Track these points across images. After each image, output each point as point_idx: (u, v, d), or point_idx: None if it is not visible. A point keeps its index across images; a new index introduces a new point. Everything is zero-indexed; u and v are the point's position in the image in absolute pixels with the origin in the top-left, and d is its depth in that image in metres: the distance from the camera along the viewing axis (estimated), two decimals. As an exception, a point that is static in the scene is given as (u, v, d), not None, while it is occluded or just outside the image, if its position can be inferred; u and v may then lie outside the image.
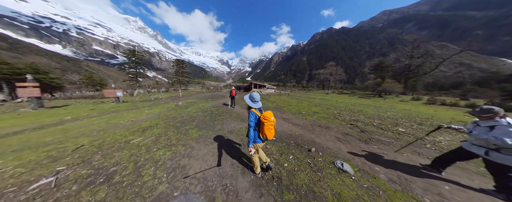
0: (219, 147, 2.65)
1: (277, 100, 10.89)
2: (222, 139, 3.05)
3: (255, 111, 1.60)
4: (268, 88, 24.17)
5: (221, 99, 10.88)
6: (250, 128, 1.56)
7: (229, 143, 2.84)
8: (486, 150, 1.52)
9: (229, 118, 4.81)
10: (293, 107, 7.61)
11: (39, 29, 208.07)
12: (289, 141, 2.97)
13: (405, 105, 10.81)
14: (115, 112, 6.34)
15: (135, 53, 25.38)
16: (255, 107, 1.64)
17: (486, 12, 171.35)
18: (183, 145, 2.72)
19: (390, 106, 9.44)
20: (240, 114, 5.65)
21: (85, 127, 3.86)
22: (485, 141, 1.52)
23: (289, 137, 3.20)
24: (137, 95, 15.91)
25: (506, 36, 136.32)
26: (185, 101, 9.81)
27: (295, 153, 2.43)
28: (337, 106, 8.40)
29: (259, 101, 1.68)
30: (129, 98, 12.89)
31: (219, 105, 7.72)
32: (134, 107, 7.80)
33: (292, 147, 2.67)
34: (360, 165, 2.16)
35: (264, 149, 2.47)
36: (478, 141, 1.60)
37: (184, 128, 3.68)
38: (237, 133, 3.41)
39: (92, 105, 8.71)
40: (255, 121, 1.58)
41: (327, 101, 11.32)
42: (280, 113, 6.06)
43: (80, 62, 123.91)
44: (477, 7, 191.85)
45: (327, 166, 2.10)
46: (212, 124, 4.06)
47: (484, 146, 1.55)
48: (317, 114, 5.99)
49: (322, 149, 2.63)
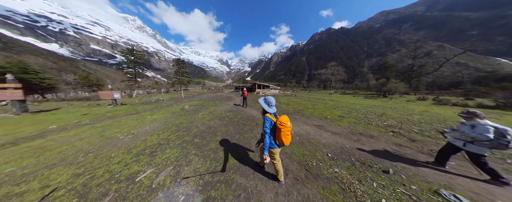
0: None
1: (289, 102, 10.13)
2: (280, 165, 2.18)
3: (271, 116, 1.55)
4: (272, 89, 23.46)
5: (229, 101, 10.07)
6: (266, 134, 1.50)
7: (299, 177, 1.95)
8: (464, 142, 1.96)
9: (258, 128, 4.02)
10: (313, 110, 6.97)
11: (34, 28, 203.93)
12: (348, 157, 2.49)
13: (416, 105, 10.36)
14: (111, 117, 5.47)
15: (134, 52, 24.36)
16: (270, 112, 1.58)
17: (480, 13, 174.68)
18: (225, 183, 1.71)
19: (402, 106, 9.08)
20: (262, 118, 4.87)
21: (70, 143, 2.95)
22: (464, 136, 1.96)
23: (342, 151, 2.71)
24: (136, 97, 14.83)
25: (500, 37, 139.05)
26: (190, 103, 8.95)
27: (373, 177, 1.95)
28: (354, 108, 7.89)
29: (274, 105, 1.61)
30: (127, 100, 11.88)
31: (232, 108, 6.92)
32: (133, 110, 6.92)
33: (358, 166, 2.21)
34: (474, 197, 1.66)
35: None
36: (459, 136, 2.02)
37: (208, 146, 2.71)
38: (293, 153, 2.56)
39: (86, 109, 7.79)
40: (271, 127, 1.52)
41: (338, 102, 10.87)
42: (306, 118, 5.36)
43: (77, 62, 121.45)
44: (471, 8, 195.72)
45: (434, 199, 1.61)
46: (243, 139, 3.18)
47: (463, 139, 1.98)
48: (344, 118, 5.43)
49: (397, 170, 2.15)
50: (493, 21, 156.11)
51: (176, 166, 2.09)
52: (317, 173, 1.97)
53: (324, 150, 2.70)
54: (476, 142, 1.88)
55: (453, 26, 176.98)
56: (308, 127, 4.27)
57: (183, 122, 4.41)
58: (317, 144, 2.98)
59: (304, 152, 2.58)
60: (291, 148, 2.77)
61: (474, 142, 1.90)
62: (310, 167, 2.14)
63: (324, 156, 2.45)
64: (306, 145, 2.88)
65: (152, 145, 2.79)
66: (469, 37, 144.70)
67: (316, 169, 2.06)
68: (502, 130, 1.79)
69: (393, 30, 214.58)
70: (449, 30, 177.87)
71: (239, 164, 2.14)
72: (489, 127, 1.80)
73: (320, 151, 2.64)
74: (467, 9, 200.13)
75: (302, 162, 2.27)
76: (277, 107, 7.70)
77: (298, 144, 2.94)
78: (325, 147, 2.82)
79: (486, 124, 1.84)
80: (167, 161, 2.20)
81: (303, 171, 2.03)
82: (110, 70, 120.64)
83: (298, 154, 2.55)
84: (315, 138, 3.29)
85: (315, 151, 2.64)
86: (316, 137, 3.39)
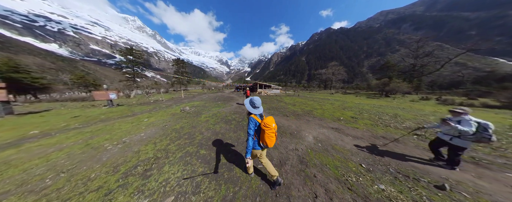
0: None
1: (294, 102, 9.62)
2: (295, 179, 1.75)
3: (255, 117, 1.48)
4: (274, 89, 22.96)
5: (231, 101, 9.57)
6: (249, 136, 1.45)
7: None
8: (451, 137, 2.17)
9: None
10: (321, 111, 6.53)
11: (33, 28, 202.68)
12: (385, 168, 2.16)
13: (422, 105, 10.04)
14: (104, 120, 4.94)
15: (133, 52, 23.79)
16: (255, 113, 1.51)
17: (478, 13, 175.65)
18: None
19: (409, 106, 8.79)
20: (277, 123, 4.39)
21: (45, 156, 2.39)
22: (452, 131, 2.14)
23: (375, 160, 2.36)
24: (134, 97, 14.25)
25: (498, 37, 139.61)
26: (190, 103, 8.41)
27: (429, 196, 1.61)
28: (362, 108, 7.50)
29: (260, 106, 1.54)
30: (125, 101, 11.34)
31: (237, 110, 6.41)
32: (129, 112, 6.39)
33: (402, 180, 1.88)
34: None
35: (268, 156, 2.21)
36: (447, 132, 2.22)
37: (219, 161, 2.19)
38: (323, 164, 2.14)
39: (79, 110, 7.25)
40: (255, 128, 1.46)
41: (343, 102, 10.51)
42: (319, 120, 4.89)
43: (76, 62, 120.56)
44: (470, 8, 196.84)
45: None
46: None
47: (450, 134, 2.18)
48: (357, 119, 5.04)
49: (453, 184, 1.83)
50: (491, 21, 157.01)
51: (180, 194, 1.51)
52: (363, 194, 1.58)
53: (354, 158, 2.36)
54: (462, 136, 2.05)
55: (452, 26, 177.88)
56: (325, 130, 3.85)
57: (185, 127, 3.89)
58: (343, 151, 2.63)
59: (335, 163, 2.20)
60: (319, 158, 2.32)
61: (460, 137, 2.07)
62: (352, 184, 1.72)
63: (359, 167, 2.10)
64: (332, 153, 2.54)
65: (147, 159, 2.22)
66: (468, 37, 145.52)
67: (359, 187, 1.68)
68: (484, 124, 1.96)
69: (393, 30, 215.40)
70: (448, 30, 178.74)
71: (265, 186, 1.64)
72: (473, 122, 1.99)
73: (350, 160, 2.30)
74: (466, 9, 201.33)
75: (339, 177, 1.85)
76: (284, 108, 7.24)
77: (323, 152, 2.55)
78: (354, 155, 2.48)
79: (470, 119, 2.03)
80: (166, 186, 1.64)
81: (346, 192, 1.59)
82: (109, 70, 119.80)
83: (330, 165, 2.11)
84: (338, 144, 2.93)
85: (345, 160, 2.30)
86: (338, 142, 3.04)
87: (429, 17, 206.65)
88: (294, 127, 4.03)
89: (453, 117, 2.18)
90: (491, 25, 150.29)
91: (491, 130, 1.93)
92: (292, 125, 4.26)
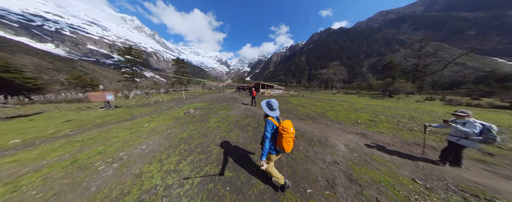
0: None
1: (302, 103, 9.12)
2: None
3: (273, 120, 1.47)
4: (276, 89, 22.41)
5: (236, 102, 9.04)
6: (266, 139, 1.42)
7: None
8: (458, 138, 2.21)
9: (302, 141, 3.11)
10: (334, 113, 6.10)
11: (30, 27, 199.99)
12: (443, 184, 1.86)
13: (430, 106, 9.79)
14: (99, 126, 4.38)
15: (131, 51, 23.11)
16: (272, 116, 1.49)
17: (477, 13, 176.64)
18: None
19: (416, 107, 8.48)
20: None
21: (15, 180, 1.78)
22: (459, 133, 2.19)
23: (426, 174, 2.06)
24: (133, 98, 13.62)
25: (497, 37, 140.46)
26: (193, 105, 7.84)
27: None
28: (374, 109, 7.13)
29: (277, 108, 1.51)
30: (123, 102, 10.73)
31: (246, 113, 5.84)
32: (128, 115, 5.83)
33: (473, 200, 1.57)
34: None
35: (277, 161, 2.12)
36: (454, 133, 2.26)
37: (254, 189, 1.62)
38: (375, 181, 1.78)
39: (74, 113, 6.65)
40: (272, 131, 1.44)
41: (351, 102, 10.13)
42: (337, 124, 4.46)
43: (74, 62, 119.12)
44: (468, 8, 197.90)
45: None
46: (301, 168, 2.05)
47: (457, 136, 2.22)
48: (376, 122, 4.67)
49: None
50: (490, 21, 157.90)
51: None
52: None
53: (403, 172, 2.08)
54: (469, 137, 2.11)
55: (452, 26, 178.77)
56: (351, 136, 3.41)
57: (194, 135, 3.32)
58: (385, 162, 2.31)
59: (387, 179, 1.89)
60: (366, 173, 2.02)
61: (467, 138, 2.12)
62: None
63: (415, 184, 1.82)
64: (375, 166, 2.21)
65: (153, 188, 1.61)
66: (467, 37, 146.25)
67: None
68: (488, 126, 2.05)
69: (392, 30, 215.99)
70: (447, 30, 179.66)
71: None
72: (477, 124, 2.06)
73: (400, 175, 2.02)
74: (465, 9, 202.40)
75: (405, 201, 1.48)
76: (294, 110, 6.70)
77: (366, 165, 2.22)
78: (400, 168, 2.18)
79: (475, 121, 2.11)
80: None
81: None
82: (107, 71, 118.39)
83: (385, 183, 1.79)
84: (374, 153, 2.62)
85: (395, 175, 2.00)
86: (373, 151, 2.73)
87: (428, 17, 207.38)
88: (317, 133, 3.53)
89: (458, 120, 2.24)
90: (489, 25, 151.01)
91: (495, 131, 2.02)
92: (314, 130, 3.76)
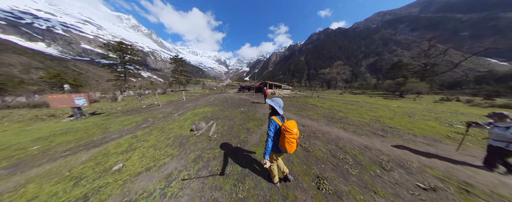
0: None
1: (329, 106, 7.78)
2: None
3: (276, 120, 1.48)
4: (284, 89, 21.15)
5: (255, 106, 7.60)
6: (269, 137, 1.45)
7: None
8: (507, 143, 1.99)
9: None
10: (390, 120, 4.88)
11: (19, 25, 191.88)
12: None
13: (455, 106, 9.14)
14: (25, 162, 2.65)
15: (122, 47, 21.11)
16: (280, 113, 1.53)
17: (471, 15, 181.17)
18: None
19: (446, 109, 7.67)
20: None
21: None
22: (505, 137, 1.99)
23: None
24: (123, 100, 11.63)
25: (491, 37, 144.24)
26: (200, 110, 6.32)
27: None
28: (422, 114, 6.02)
29: (280, 107, 1.54)
30: (108, 106, 8.90)
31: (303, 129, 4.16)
32: (99, 133, 3.93)
33: None
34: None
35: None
36: (499, 138, 2.05)
37: None
38: None
39: (17, 127, 4.63)
40: (275, 131, 1.47)
41: (372, 104, 9.12)
42: (423, 138, 3.24)
43: (66, 61, 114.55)
44: (463, 10, 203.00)
45: None
46: None
47: (505, 141, 2.00)
48: (431, 128, 3.93)
49: None
50: (483, 22, 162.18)
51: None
52: None
53: None
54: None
55: (447, 27, 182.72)
56: (398, 141, 2.27)
57: None
58: None
59: None
60: None
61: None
62: None
63: None
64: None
65: None
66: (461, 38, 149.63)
67: None
68: None
69: (389, 30, 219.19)
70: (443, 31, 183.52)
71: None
72: None
73: None
74: (459, 11, 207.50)
75: None
76: (336, 115, 5.30)
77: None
78: None
79: None
80: None
81: None
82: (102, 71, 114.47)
83: None
84: None
85: None
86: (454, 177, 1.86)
87: (424, 19, 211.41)
88: (440, 165, 2.26)
89: (498, 123, 2.07)
90: (483, 26, 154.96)
91: None
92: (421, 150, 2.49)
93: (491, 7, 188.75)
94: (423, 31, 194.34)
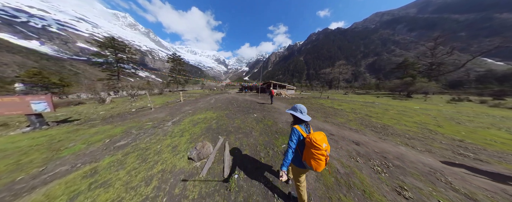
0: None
1: (351, 109, 6.94)
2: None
3: (300, 130, 1.26)
4: (288, 89, 20.23)
5: (269, 111, 6.51)
6: (289, 148, 1.23)
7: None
8: None
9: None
10: (438, 127, 4.14)
11: (13, 24, 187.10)
12: None
13: (476, 107, 8.58)
14: None
15: (114, 44, 19.53)
16: (305, 120, 1.28)
17: (468, 15, 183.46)
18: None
19: (467, 110, 7.05)
20: None
21: None
22: None
23: None
24: (112, 102, 10.31)
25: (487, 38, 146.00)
26: (200, 117, 5.29)
27: None
28: (453, 117, 5.46)
29: (304, 113, 1.31)
30: (92, 109, 7.71)
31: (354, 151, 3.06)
32: (43, 157, 2.59)
33: None
34: None
35: None
36: None
37: None
38: None
39: None
40: (297, 142, 1.25)
41: (387, 105, 8.45)
42: (499, 154, 2.26)
43: (63, 61, 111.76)
44: (459, 10, 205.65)
45: None
46: None
47: None
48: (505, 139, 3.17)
49: None
50: (479, 23, 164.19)
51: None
52: None
53: None
54: None
55: (444, 27, 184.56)
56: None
57: None
58: None
59: None
60: None
61: None
62: None
63: None
64: None
65: None
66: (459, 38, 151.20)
67: None
68: None
69: (388, 31, 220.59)
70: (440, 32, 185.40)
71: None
72: None
73: None
74: (456, 11, 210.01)
75: None
76: (369, 121, 4.39)
77: None
78: None
79: None
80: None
81: None
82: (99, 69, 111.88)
83: None
84: None
85: None
86: None
87: (422, 19, 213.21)
88: None
89: None
90: (479, 26, 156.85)
91: None
92: None
93: (487, 8, 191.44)
94: (421, 32, 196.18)
